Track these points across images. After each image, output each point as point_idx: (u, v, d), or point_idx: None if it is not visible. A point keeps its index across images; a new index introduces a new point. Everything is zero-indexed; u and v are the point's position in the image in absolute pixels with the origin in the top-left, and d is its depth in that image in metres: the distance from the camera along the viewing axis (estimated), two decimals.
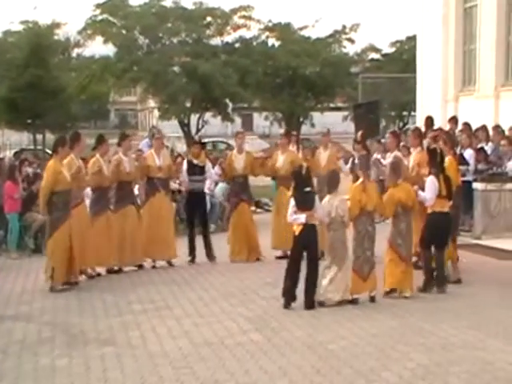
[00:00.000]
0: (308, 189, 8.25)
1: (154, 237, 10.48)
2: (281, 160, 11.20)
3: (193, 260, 10.94)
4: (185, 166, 11.14)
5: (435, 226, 8.87)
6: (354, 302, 8.24)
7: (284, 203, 11.04)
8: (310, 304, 8.06)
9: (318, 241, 8.31)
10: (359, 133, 11.50)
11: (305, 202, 8.13)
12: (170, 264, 10.75)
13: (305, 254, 8.24)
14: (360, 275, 8.31)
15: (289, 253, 10.90)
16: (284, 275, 8.22)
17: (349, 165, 10.98)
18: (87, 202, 10.18)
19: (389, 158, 10.13)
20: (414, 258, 9.28)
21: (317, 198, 8.31)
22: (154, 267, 10.67)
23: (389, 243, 8.65)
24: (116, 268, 10.26)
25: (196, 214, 11.22)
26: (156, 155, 10.69)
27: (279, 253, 11.15)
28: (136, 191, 11.37)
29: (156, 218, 10.54)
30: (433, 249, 8.95)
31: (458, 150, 12.52)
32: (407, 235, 8.66)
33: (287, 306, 8.08)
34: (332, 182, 8.46)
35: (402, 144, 11.57)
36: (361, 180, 8.54)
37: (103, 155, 10.13)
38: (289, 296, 8.10)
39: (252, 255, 11.09)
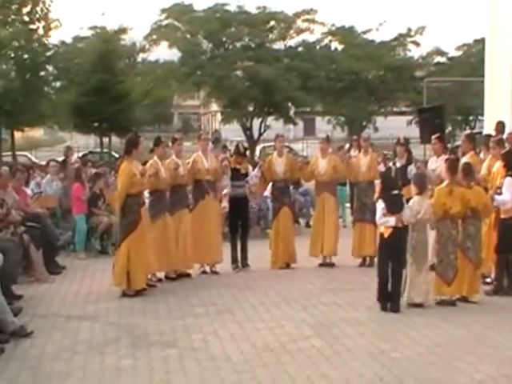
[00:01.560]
0: (396, 191, 8.26)
1: (203, 241, 10.37)
2: (322, 165, 10.98)
3: (237, 267, 10.83)
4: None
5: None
6: (440, 303, 8.30)
7: (326, 209, 10.96)
8: (396, 307, 8.08)
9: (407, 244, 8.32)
10: (402, 136, 11.37)
11: (394, 205, 8.15)
12: (215, 272, 10.59)
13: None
14: (444, 279, 8.32)
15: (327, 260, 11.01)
16: (378, 280, 8.25)
17: None
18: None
19: (436, 163, 10.04)
20: None
21: (404, 200, 8.32)
22: (204, 272, 10.63)
23: (459, 247, 8.55)
24: (174, 275, 10.18)
25: (239, 220, 11.08)
26: (204, 157, 10.57)
27: (320, 260, 11.08)
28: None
29: (205, 221, 10.42)
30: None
31: None
32: (476, 239, 8.57)
33: (385, 308, 8.10)
34: (421, 184, 8.47)
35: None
36: (446, 182, 8.48)
37: (161, 158, 10.07)
38: (384, 299, 8.14)
39: (288, 260, 10.95)
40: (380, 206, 8.25)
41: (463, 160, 10.08)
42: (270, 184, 11.56)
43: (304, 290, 9.34)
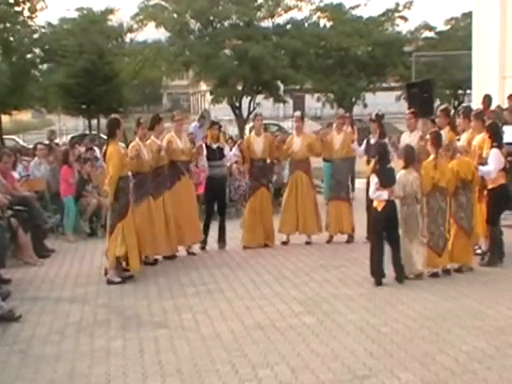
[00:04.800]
0: (389, 165, 8.35)
1: (181, 222, 10.20)
2: (297, 143, 10.88)
3: (204, 247, 10.71)
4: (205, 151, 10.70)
5: (504, 198, 8.89)
6: (434, 275, 8.41)
7: (299, 188, 10.86)
8: (401, 278, 8.21)
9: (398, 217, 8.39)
10: (374, 112, 11.27)
11: (388, 179, 8.22)
12: (192, 253, 10.46)
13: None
14: (435, 251, 8.44)
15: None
16: (370, 253, 8.34)
17: (363, 146, 10.82)
18: None
19: (409, 138, 10.08)
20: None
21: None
22: (189, 254, 10.50)
23: (452, 217, 8.67)
24: (154, 258, 10.00)
25: (216, 200, 10.95)
26: (177, 138, 10.34)
27: (284, 238, 11.04)
28: None
29: (182, 202, 10.27)
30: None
31: None
32: (468, 209, 8.69)
33: (379, 283, 8.17)
34: (409, 158, 8.51)
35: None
36: (432, 157, 8.54)
37: (142, 139, 9.81)
38: (378, 273, 8.21)
39: (266, 241, 10.88)
40: (373, 180, 8.29)
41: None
42: (249, 163, 11.31)
43: (294, 268, 9.35)
